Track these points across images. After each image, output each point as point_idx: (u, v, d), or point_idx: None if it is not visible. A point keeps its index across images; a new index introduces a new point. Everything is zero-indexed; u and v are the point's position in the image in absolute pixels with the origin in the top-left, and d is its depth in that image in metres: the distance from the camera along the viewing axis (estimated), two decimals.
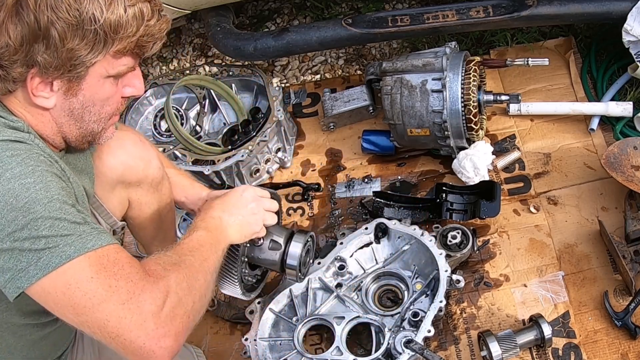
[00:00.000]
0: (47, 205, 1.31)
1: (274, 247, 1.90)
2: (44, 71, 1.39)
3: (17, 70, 1.38)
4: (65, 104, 1.46)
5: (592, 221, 2.42)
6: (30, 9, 1.34)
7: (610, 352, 2.15)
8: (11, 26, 1.34)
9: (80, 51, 1.38)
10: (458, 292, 2.31)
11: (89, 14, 1.35)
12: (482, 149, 2.51)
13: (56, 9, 1.34)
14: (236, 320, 2.37)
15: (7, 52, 1.36)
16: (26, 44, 1.35)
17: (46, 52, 1.36)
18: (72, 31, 1.35)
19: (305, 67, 3.14)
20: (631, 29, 2.44)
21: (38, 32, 1.35)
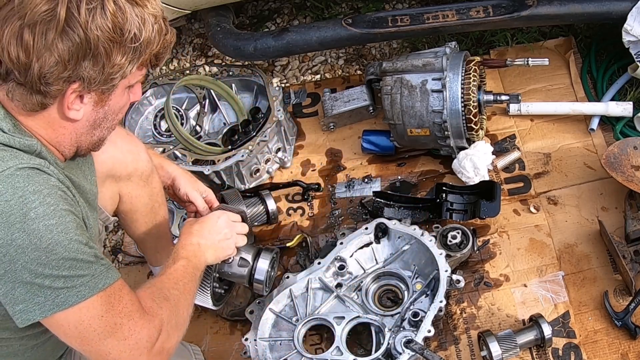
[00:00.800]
0: (67, 247, 1.41)
1: (242, 264, 2.08)
2: (87, 86, 1.46)
3: (57, 87, 1.44)
4: (91, 115, 1.54)
5: (592, 221, 2.42)
6: (80, 27, 1.40)
7: (610, 352, 2.15)
8: (60, 44, 1.40)
9: (122, 66, 1.47)
10: (458, 292, 2.31)
11: (131, 33, 1.45)
12: (482, 149, 2.51)
13: (103, 27, 1.42)
14: (234, 318, 2.37)
15: (56, 71, 1.41)
16: (74, 61, 1.42)
17: (93, 69, 1.44)
18: (117, 48, 1.45)
19: (305, 67, 3.14)
20: (631, 29, 2.44)
21: (87, 50, 1.42)
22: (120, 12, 1.44)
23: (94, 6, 1.41)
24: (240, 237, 2.00)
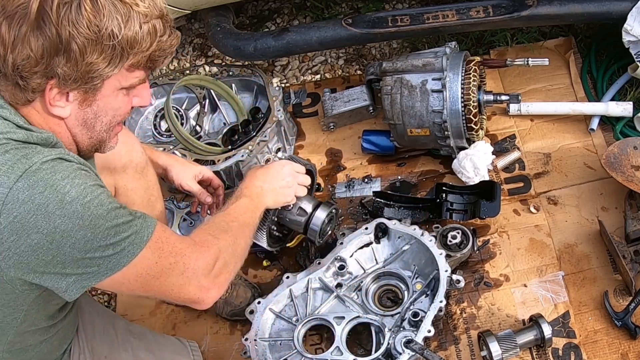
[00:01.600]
0: (107, 216, 1.45)
1: (300, 213, 2.23)
2: (62, 82, 1.44)
3: (36, 81, 1.43)
4: (79, 114, 1.53)
5: (592, 221, 2.42)
6: (52, 23, 1.38)
7: (610, 352, 2.15)
8: (33, 39, 1.39)
9: (98, 65, 1.44)
10: (458, 292, 2.31)
11: (108, 30, 1.41)
12: (482, 149, 2.51)
13: (77, 24, 1.39)
14: (234, 318, 2.37)
15: (28, 64, 1.40)
16: (47, 57, 1.40)
17: (66, 65, 1.41)
18: (91, 46, 1.41)
19: (305, 67, 3.14)
20: (631, 29, 2.44)
21: (59, 45, 1.39)
22: (97, 8, 1.41)
23: (70, 1, 1.39)
24: (300, 187, 2.12)
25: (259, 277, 2.49)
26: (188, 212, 2.63)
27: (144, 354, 2.00)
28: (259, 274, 2.50)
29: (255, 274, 2.50)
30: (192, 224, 2.61)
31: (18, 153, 1.41)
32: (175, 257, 1.56)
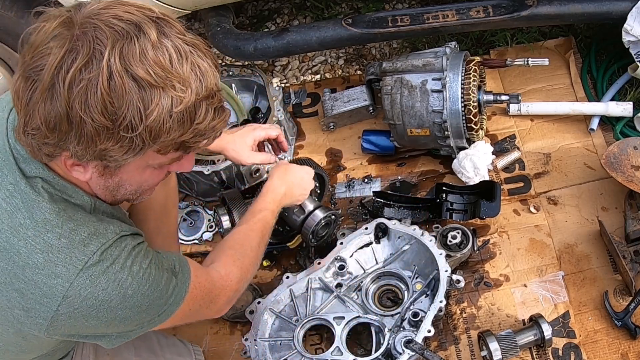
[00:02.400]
0: (161, 295, 1.49)
1: (300, 210, 2.29)
2: (77, 158, 1.31)
3: (49, 149, 1.31)
4: (100, 181, 1.42)
5: (592, 221, 2.42)
6: (63, 99, 1.21)
7: (610, 352, 2.15)
8: (43, 110, 1.24)
9: (114, 152, 1.28)
10: (458, 292, 2.31)
11: (126, 120, 1.23)
12: (482, 149, 2.51)
13: (90, 107, 1.21)
14: (235, 320, 2.37)
15: (38, 135, 1.27)
16: (57, 132, 1.25)
17: (77, 146, 1.27)
18: (106, 133, 1.24)
19: (305, 67, 3.14)
20: (631, 29, 2.44)
21: (69, 124, 1.24)
22: (117, 92, 1.21)
23: (87, 78, 1.20)
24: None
25: (259, 277, 2.49)
26: (188, 212, 2.63)
27: (147, 354, 2.00)
28: (259, 274, 2.50)
29: (255, 274, 2.50)
30: (192, 224, 2.61)
31: (68, 226, 1.37)
32: (206, 299, 1.65)
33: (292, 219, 2.32)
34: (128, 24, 1.23)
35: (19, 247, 1.36)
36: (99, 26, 1.22)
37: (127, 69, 1.21)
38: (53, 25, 1.23)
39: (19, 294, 1.37)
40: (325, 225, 2.34)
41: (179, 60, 1.25)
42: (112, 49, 1.20)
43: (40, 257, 1.36)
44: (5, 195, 1.38)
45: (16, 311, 1.39)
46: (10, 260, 1.36)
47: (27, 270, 1.36)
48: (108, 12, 1.24)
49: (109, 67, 1.20)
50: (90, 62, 1.20)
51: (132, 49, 1.21)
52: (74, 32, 1.22)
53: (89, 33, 1.21)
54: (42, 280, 1.36)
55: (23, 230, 1.36)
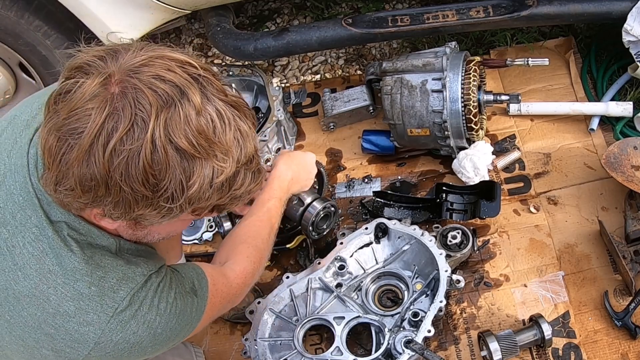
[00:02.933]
0: (186, 324, 1.51)
1: (298, 203, 2.31)
2: (108, 217, 1.28)
3: (80, 206, 1.27)
4: (128, 231, 1.40)
5: (592, 221, 2.41)
6: (102, 166, 1.16)
7: (610, 352, 2.15)
8: (79, 173, 1.18)
9: (150, 217, 1.27)
10: (458, 292, 2.31)
11: (168, 192, 1.20)
12: (482, 149, 2.51)
13: (130, 178, 1.17)
14: (236, 321, 2.37)
15: (70, 194, 1.22)
16: (93, 194, 1.21)
17: (113, 209, 1.23)
18: (144, 202, 1.21)
19: (305, 67, 3.14)
20: (631, 29, 2.44)
21: (107, 190, 1.19)
22: (160, 164, 1.16)
23: (128, 148, 1.15)
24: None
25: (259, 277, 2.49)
26: None
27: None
28: None
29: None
30: (192, 224, 2.61)
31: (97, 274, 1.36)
32: (224, 303, 1.68)
33: (291, 212, 2.33)
34: (171, 86, 1.18)
35: (48, 294, 1.34)
36: (140, 88, 1.16)
37: (170, 140, 1.17)
38: (92, 83, 1.17)
39: (49, 337, 1.36)
40: (325, 217, 2.36)
41: (222, 128, 1.22)
42: (157, 119, 1.15)
43: (71, 305, 1.35)
44: (31, 238, 1.34)
45: (44, 351, 1.38)
46: (39, 307, 1.35)
47: (57, 317, 1.35)
48: (149, 70, 1.19)
49: (153, 139, 1.15)
50: (133, 131, 1.15)
51: (176, 117, 1.17)
52: (113, 91, 1.17)
53: (129, 95, 1.16)
54: (74, 328, 1.35)
55: (53, 277, 1.34)
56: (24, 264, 1.34)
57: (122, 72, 1.18)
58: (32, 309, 1.35)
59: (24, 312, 1.35)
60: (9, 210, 1.35)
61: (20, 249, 1.34)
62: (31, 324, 1.36)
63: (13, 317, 1.36)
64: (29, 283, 1.34)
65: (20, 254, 1.34)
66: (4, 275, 1.36)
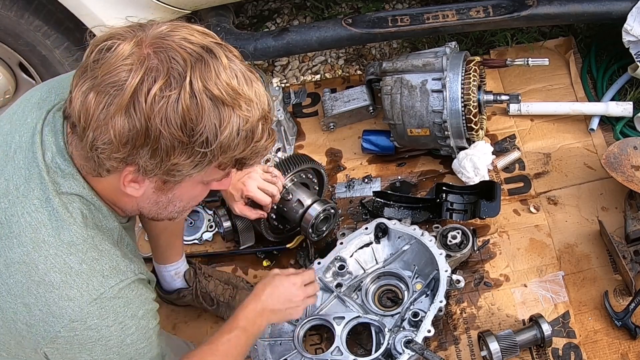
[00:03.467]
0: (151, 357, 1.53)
1: (298, 205, 2.32)
2: (142, 172, 1.34)
3: (112, 164, 1.33)
4: (153, 197, 1.45)
5: (592, 221, 2.41)
6: (143, 114, 1.25)
7: (610, 352, 2.15)
8: (118, 123, 1.26)
9: (184, 167, 1.33)
10: (458, 292, 2.31)
11: (203, 136, 1.29)
12: (482, 149, 2.51)
13: (170, 122, 1.26)
14: None
15: (108, 149, 1.29)
16: (130, 146, 1.28)
17: (149, 160, 1.30)
18: (181, 148, 1.29)
19: (305, 67, 3.14)
20: (631, 29, 2.44)
21: (146, 139, 1.28)
22: (196, 110, 1.27)
23: (168, 95, 1.25)
24: (310, 299, 2.01)
25: (259, 277, 2.49)
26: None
27: None
28: (259, 274, 2.50)
29: (255, 274, 2.50)
30: (192, 224, 2.61)
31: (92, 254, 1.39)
32: None
33: (291, 213, 2.33)
34: (199, 47, 1.30)
35: (37, 262, 1.37)
36: (172, 47, 1.28)
37: (206, 88, 1.27)
38: (127, 45, 1.27)
39: (27, 308, 1.38)
40: (325, 219, 2.36)
41: (245, 83, 1.34)
42: (192, 70, 1.27)
43: (58, 276, 1.37)
44: (31, 209, 1.38)
45: (19, 325, 1.40)
46: (26, 274, 1.37)
47: (41, 286, 1.37)
48: (176, 34, 1.30)
49: (191, 86, 1.26)
50: (170, 81, 1.26)
51: (208, 70, 1.28)
52: (148, 52, 1.27)
53: (162, 53, 1.27)
54: (54, 300, 1.36)
55: (45, 247, 1.37)
56: (20, 232, 1.38)
57: (152, 37, 1.30)
58: (18, 276, 1.37)
59: (10, 279, 1.38)
60: (13, 183, 1.41)
61: (18, 217, 1.38)
62: (14, 292, 1.38)
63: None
64: (21, 250, 1.37)
65: (17, 223, 1.38)
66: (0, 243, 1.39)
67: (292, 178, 2.37)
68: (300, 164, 2.37)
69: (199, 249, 2.59)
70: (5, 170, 1.42)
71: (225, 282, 2.37)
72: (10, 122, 1.49)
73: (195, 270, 2.33)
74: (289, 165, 2.35)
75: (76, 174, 1.41)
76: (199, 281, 2.33)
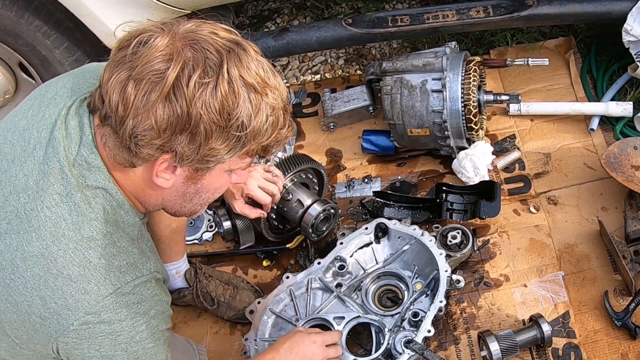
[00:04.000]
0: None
1: (298, 205, 2.33)
2: (178, 159, 1.39)
3: (149, 151, 1.37)
4: (181, 187, 1.49)
5: (592, 221, 2.41)
6: (185, 99, 1.32)
7: (610, 352, 2.15)
8: (160, 110, 1.32)
9: (219, 151, 1.39)
10: (458, 292, 2.31)
11: (239, 120, 1.36)
12: (482, 149, 2.51)
13: (209, 107, 1.33)
14: (236, 321, 2.37)
15: (148, 135, 1.34)
16: (170, 132, 1.34)
17: (188, 145, 1.36)
18: (218, 132, 1.36)
19: (305, 67, 3.14)
20: (631, 29, 2.44)
21: (186, 124, 1.34)
22: (233, 96, 1.34)
23: (207, 82, 1.32)
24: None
25: (259, 277, 2.49)
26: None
27: None
28: (259, 274, 2.50)
29: (255, 274, 2.50)
30: (192, 224, 2.61)
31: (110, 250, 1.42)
32: None
33: (291, 213, 2.33)
34: (228, 40, 1.38)
35: (57, 256, 1.40)
36: (204, 39, 1.36)
37: (240, 76, 1.36)
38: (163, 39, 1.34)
39: (42, 301, 1.40)
40: (325, 220, 2.37)
41: (272, 74, 1.43)
42: (227, 60, 1.35)
43: (76, 270, 1.40)
44: (51, 204, 1.41)
45: (33, 318, 1.42)
46: (44, 267, 1.40)
47: (59, 279, 1.39)
48: (204, 29, 1.38)
49: (229, 74, 1.34)
50: (207, 70, 1.33)
51: (240, 60, 1.37)
52: (182, 44, 1.34)
53: (196, 45, 1.35)
54: (70, 293, 1.39)
55: (65, 241, 1.40)
56: (40, 226, 1.40)
57: (183, 31, 1.37)
58: (36, 269, 1.40)
59: (27, 272, 1.40)
60: (33, 178, 1.43)
61: (38, 212, 1.41)
62: (31, 285, 1.40)
63: (14, 280, 1.41)
64: (40, 244, 1.40)
65: (37, 217, 1.40)
66: (18, 237, 1.41)
67: (292, 178, 2.37)
68: (300, 164, 2.38)
69: (199, 248, 2.59)
70: (25, 165, 1.44)
71: (225, 282, 2.37)
72: (25, 118, 1.51)
73: (195, 270, 2.33)
74: (289, 165, 2.35)
75: (103, 168, 1.44)
76: (200, 281, 2.33)
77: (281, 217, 2.41)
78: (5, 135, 1.51)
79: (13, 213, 1.42)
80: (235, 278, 2.41)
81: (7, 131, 1.51)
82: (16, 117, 1.53)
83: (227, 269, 2.51)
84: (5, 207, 1.43)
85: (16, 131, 1.49)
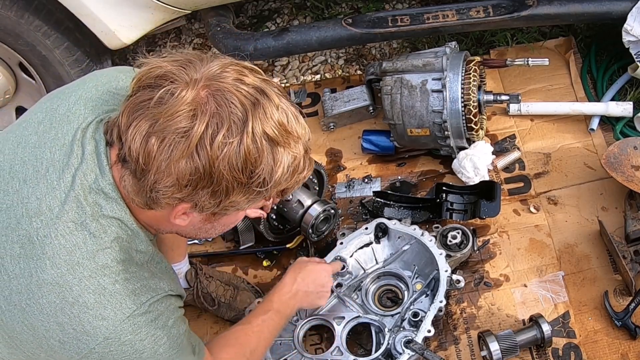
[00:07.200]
0: None
1: (298, 205, 2.32)
2: (197, 210, 1.41)
3: (168, 202, 1.38)
4: (197, 224, 1.51)
5: (592, 221, 2.42)
6: (207, 157, 1.31)
7: (610, 352, 2.15)
8: (182, 166, 1.31)
9: (239, 204, 1.41)
10: (458, 292, 2.31)
11: (261, 177, 1.37)
12: (482, 149, 2.51)
13: (233, 165, 1.33)
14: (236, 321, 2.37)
15: (170, 191, 1.35)
16: (192, 188, 1.35)
17: (209, 200, 1.37)
18: (240, 188, 1.37)
19: (305, 67, 3.14)
20: (631, 29, 2.44)
21: (208, 182, 1.34)
22: (256, 154, 1.34)
23: (231, 141, 1.31)
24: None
25: (259, 277, 2.49)
26: None
27: None
28: (259, 274, 2.50)
29: (255, 274, 2.50)
30: None
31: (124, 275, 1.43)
32: None
33: (291, 213, 2.34)
34: (253, 88, 1.36)
35: (72, 284, 1.39)
36: (229, 90, 1.33)
37: (264, 132, 1.34)
38: (187, 91, 1.31)
39: (60, 327, 1.40)
40: (325, 220, 2.37)
41: (293, 120, 1.40)
42: (252, 114, 1.33)
43: (92, 297, 1.40)
44: (65, 232, 1.40)
45: (52, 342, 1.42)
46: (59, 295, 1.39)
47: (75, 307, 1.40)
48: (229, 75, 1.35)
49: (253, 132, 1.33)
50: (232, 128, 1.31)
51: (264, 112, 1.35)
52: (205, 94, 1.32)
53: (219, 96, 1.32)
54: (88, 320, 1.40)
55: (80, 269, 1.40)
56: (54, 254, 1.39)
57: (206, 78, 1.34)
58: (51, 297, 1.39)
59: (42, 299, 1.40)
60: (46, 203, 1.41)
61: (52, 239, 1.40)
62: (47, 311, 1.40)
63: (30, 305, 1.40)
64: (55, 272, 1.39)
65: (51, 244, 1.40)
66: (31, 263, 1.40)
67: None
68: None
69: (199, 248, 2.59)
70: (37, 188, 1.42)
71: (226, 282, 2.37)
72: (36, 134, 1.48)
73: (196, 270, 2.33)
74: None
75: (119, 200, 1.44)
76: (200, 282, 2.33)
77: (281, 217, 2.41)
78: (15, 150, 1.48)
79: (26, 237, 1.41)
80: (236, 278, 2.41)
81: (18, 146, 1.48)
82: (26, 131, 1.50)
83: (227, 269, 2.51)
84: (17, 230, 1.41)
85: (27, 147, 1.47)
